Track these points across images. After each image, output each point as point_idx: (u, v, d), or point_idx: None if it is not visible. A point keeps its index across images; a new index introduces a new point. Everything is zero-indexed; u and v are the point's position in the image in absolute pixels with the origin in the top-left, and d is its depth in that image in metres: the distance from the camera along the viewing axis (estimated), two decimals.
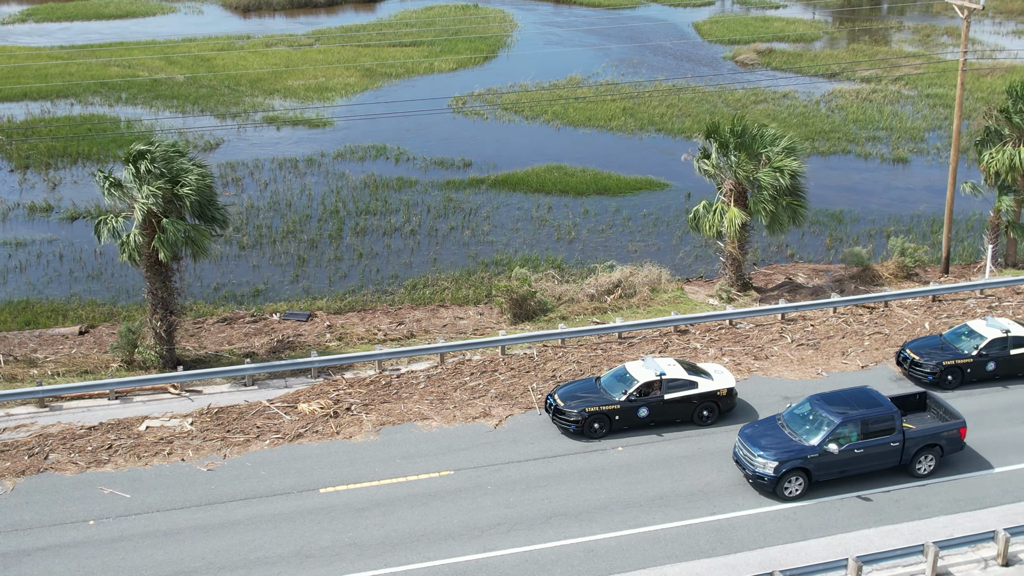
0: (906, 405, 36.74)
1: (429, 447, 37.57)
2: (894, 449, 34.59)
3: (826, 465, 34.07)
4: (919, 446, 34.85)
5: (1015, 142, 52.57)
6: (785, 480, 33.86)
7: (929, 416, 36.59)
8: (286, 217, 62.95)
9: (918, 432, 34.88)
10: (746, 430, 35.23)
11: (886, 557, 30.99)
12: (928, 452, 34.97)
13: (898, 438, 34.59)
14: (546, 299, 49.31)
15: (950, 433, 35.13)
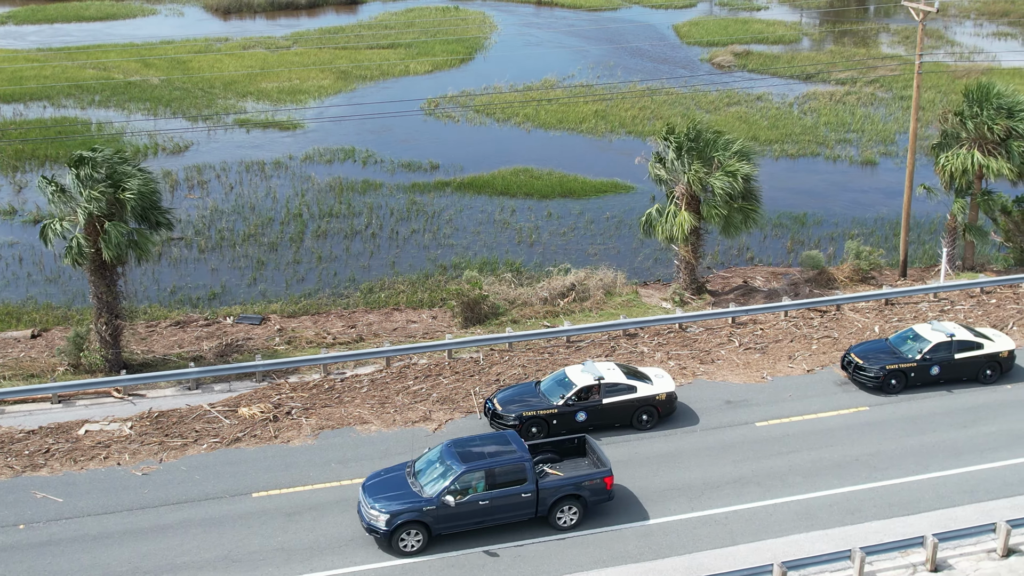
0: (564, 450, 34.21)
1: (366, 451, 37.50)
2: (526, 500, 31.79)
3: (446, 518, 31.36)
4: (556, 496, 32.06)
5: (970, 145, 52.48)
6: (400, 533, 31.17)
7: (585, 463, 33.91)
8: (248, 220, 62.91)
9: (554, 482, 32.20)
10: (371, 479, 32.72)
11: None
12: (570, 503, 32.22)
13: (530, 488, 31.76)
14: (498, 303, 49.25)
15: (593, 483, 32.35)
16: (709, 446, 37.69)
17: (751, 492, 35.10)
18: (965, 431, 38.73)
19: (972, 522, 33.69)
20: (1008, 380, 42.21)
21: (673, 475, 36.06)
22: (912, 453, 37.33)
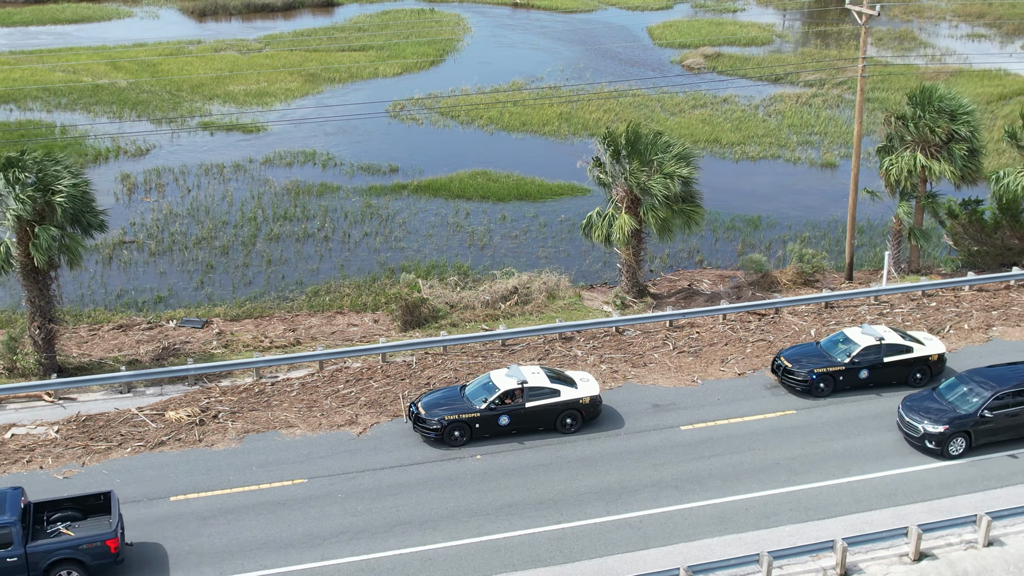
0: (87, 507, 31.85)
1: (289, 455, 37.56)
2: (13, 565, 29.42)
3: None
4: (50, 560, 29.79)
5: (913, 148, 52.56)
6: None
7: (104, 521, 31.44)
8: (203, 223, 62.91)
9: (46, 546, 29.87)
10: None
11: None
12: (68, 567, 29.96)
13: (17, 552, 29.49)
14: (439, 306, 49.27)
15: (92, 546, 30.02)
16: (631, 450, 37.75)
17: (668, 496, 35.19)
18: (891, 435, 38.83)
19: (888, 526, 33.73)
20: (939, 383, 42.10)
21: (592, 479, 36.13)
22: (834, 457, 37.40)
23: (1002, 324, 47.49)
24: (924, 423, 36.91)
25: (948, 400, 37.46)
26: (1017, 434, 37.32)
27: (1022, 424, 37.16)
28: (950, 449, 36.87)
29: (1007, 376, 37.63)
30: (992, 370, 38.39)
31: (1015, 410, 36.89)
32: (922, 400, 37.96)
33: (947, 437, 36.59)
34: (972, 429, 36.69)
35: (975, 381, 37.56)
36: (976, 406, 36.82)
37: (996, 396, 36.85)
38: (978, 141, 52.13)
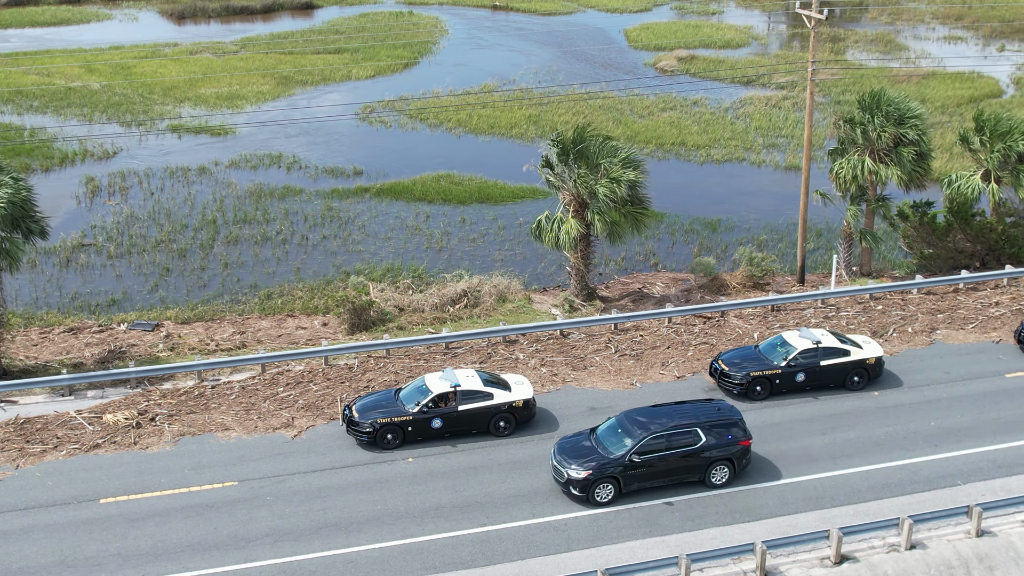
0: None
1: (222, 458, 37.74)
2: None
3: None
4: None
5: (862, 152, 52.80)
6: None
7: None
8: (163, 226, 63.09)
9: None
10: None
11: None
12: None
13: None
14: (387, 309, 49.46)
15: None
16: None
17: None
18: (823, 438, 38.99)
19: (813, 529, 33.87)
20: (876, 387, 42.45)
21: (522, 481, 36.28)
22: (766, 460, 37.57)
23: (946, 327, 47.71)
24: (570, 467, 34.03)
25: (601, 443, 34.70)
26: (677, 479, 34.81)
27: (679, 469, 34.64)
28: (596, 496, 34.10)
29: (662, 417, 35.00)
30: (652, 410, 35.67)
31: (669, 454, 34.35)
32: (577, 442, 35.13)
33: (591, 483, 33.83)
34: (621, 475, 33.96)
35: (630, 422, 34.82)
36: (626, 450, 34.06)
37: (649, 438, 34.24)
38: (926, 145, 52.38)
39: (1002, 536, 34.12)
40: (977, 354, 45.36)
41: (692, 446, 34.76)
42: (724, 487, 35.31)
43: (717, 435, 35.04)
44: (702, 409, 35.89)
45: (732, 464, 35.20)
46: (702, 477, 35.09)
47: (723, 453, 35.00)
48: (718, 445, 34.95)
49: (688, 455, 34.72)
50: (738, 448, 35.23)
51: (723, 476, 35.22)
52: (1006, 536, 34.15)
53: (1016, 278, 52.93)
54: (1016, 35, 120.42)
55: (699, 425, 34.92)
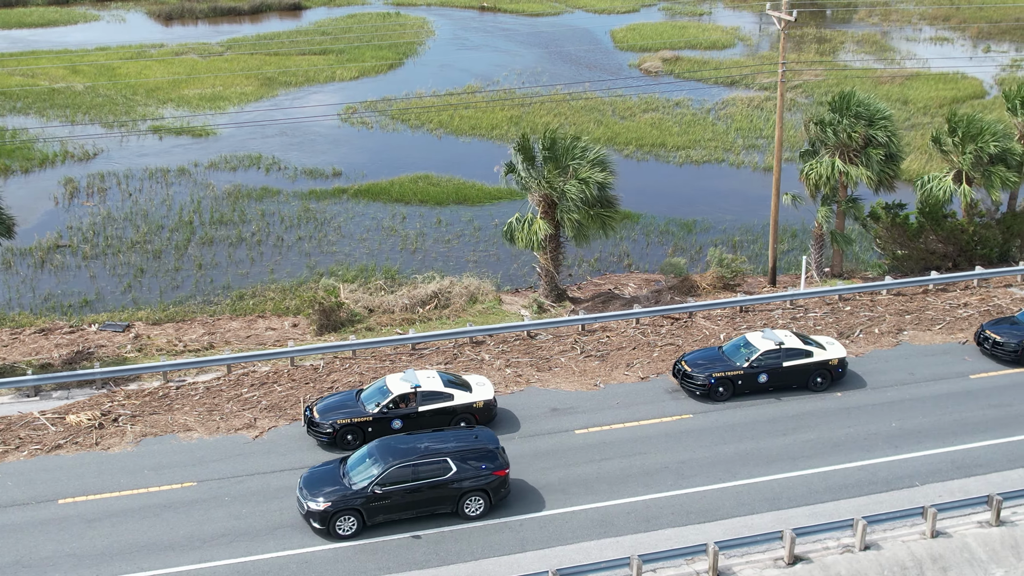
0: None
1: (182, 458, 37.83)
2: None
3: None
4: None
5: (832, 153, 52.93)
6: None
7: None
8: (139, 227, 63.19)
9: None
10: None
11: None
12: None
13: None
14: (357, 310, 49.56)
15: None
16: (522, 454, 38.01)
17: (553, 499, 35.43)
18: (783, 439, 39.08)
19: (769, 529, 33.96)
20: (840, 388, 42.54)
21: None
22: (724, 461, 37.66)
23: (913, 328, 47.82)
24: (311, 499, 32.73)
25: (348, 473, 33.48)
26: (427, 510, 33.47)
27: (428, 500, 33.26)
28: (338, 529, 32.78)
29: (413, 446, 33.81)
30: (406, 438, 34.53)
31: (417, 485, 32.95)
32: (325, 471, 34.00)
33: (331, 516, 32.49)
34: (364, 507, 32.63)
35: (380, 451, 33.59)
36: (370, 480, 32.73)
37: (394, 468, 32.87)
38: (895, 146, 52.50)
39: (957, 537, 34.22)
40: (943, 355, 45.46)
41: (441, 476, 33.23)
42: (480, 519, 33.63)
43: (471, 465, 33.50)
44: (459, 437, 34.50)
45: (487, 495, 33.52)
46: (455, 508, 33.49)
47: (476, 484, 33.39)
48: (471, 476, 33.37)
49: (437, 486, 33.18)
50: (493, 479, 33.62)
51: (478, 508, 33.61)
52: (961, 537, 34.26)
53: (986, 279, 53.00)
54: (1003, 36, 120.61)
55: (451, 455, 33.47)
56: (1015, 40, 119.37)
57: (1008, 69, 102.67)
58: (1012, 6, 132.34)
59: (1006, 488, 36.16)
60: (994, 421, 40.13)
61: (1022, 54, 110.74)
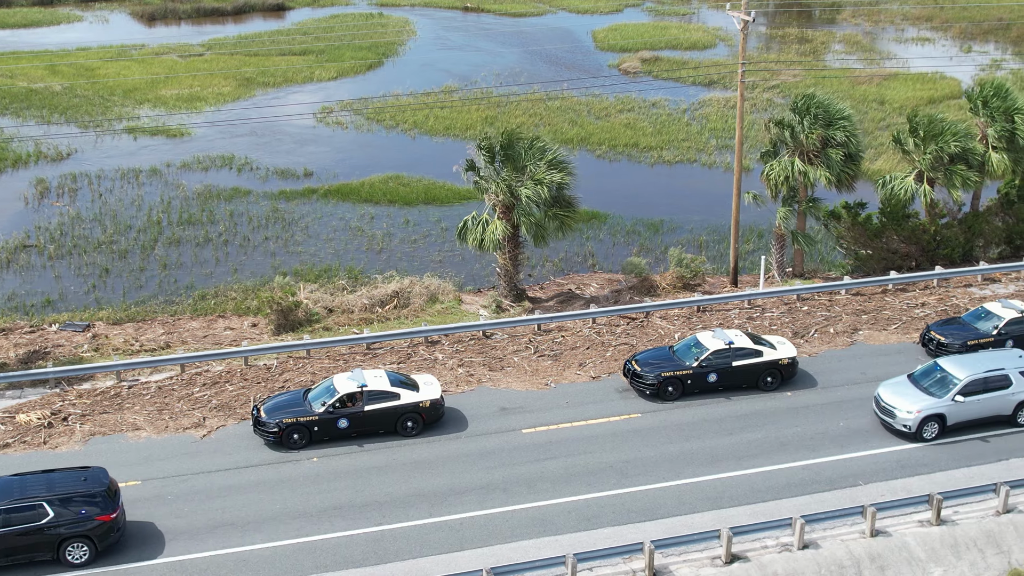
0: None
1: (129, 457, 37.93)
2: None
3: None
4: None
5: (791, 153, 53.08)
6: None
7: None
8: (107, 227, 63.28)
9: None
10: None
11: None
12: None
13: None
14: (315, 310, 49.66)
15: None
16: (468, 453, 38.16)
17: (495, 498, 35.55)
18: (730, 438, 39.20)
19: (709, 528, 34.06)
20: (790, 387, 42.68)
21: (423, 481, 36.51)
22: (668, 460, 37.78)
23: (869, 328, 47.95)
24: None
25: None
26: (24, 557, 31.32)
27: (22, 547, 31.10)
28: None
29: (9, 490, 31.56)
30: (8, 480, 32.39)
31: (5, 531, 30.76)
32: None
33: None
34: None
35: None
36: None
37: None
38: (854, 146, 52.64)
39: (897, 536, 34.37)
40: (896, 355, 45.60)
41: (35, 522, 30.90)
42: (85, 567, 31.69)
43: (71, 510, 31.19)
44: (66, 479, 32.13)
45: (92, 541, 31.35)
46: (55, 555, 31.29)
47: (77, 530, 31.14)
48: (71, 521, 31.13)
49: (30, 532, 30.83)
50: (96, 524, 31.38)
51: (82, 555, 31.40)
52: (901, 536, 34.40)
53: (947, 279, 53.14)
54: (985, 36, 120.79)
55: (48, 499, 31.14)
56: (996, 40, 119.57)
57: (987, 69, 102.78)
58: (996, 6, 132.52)
59: (951, 487, 36.25)
60: None
61: (1006, 54, 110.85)
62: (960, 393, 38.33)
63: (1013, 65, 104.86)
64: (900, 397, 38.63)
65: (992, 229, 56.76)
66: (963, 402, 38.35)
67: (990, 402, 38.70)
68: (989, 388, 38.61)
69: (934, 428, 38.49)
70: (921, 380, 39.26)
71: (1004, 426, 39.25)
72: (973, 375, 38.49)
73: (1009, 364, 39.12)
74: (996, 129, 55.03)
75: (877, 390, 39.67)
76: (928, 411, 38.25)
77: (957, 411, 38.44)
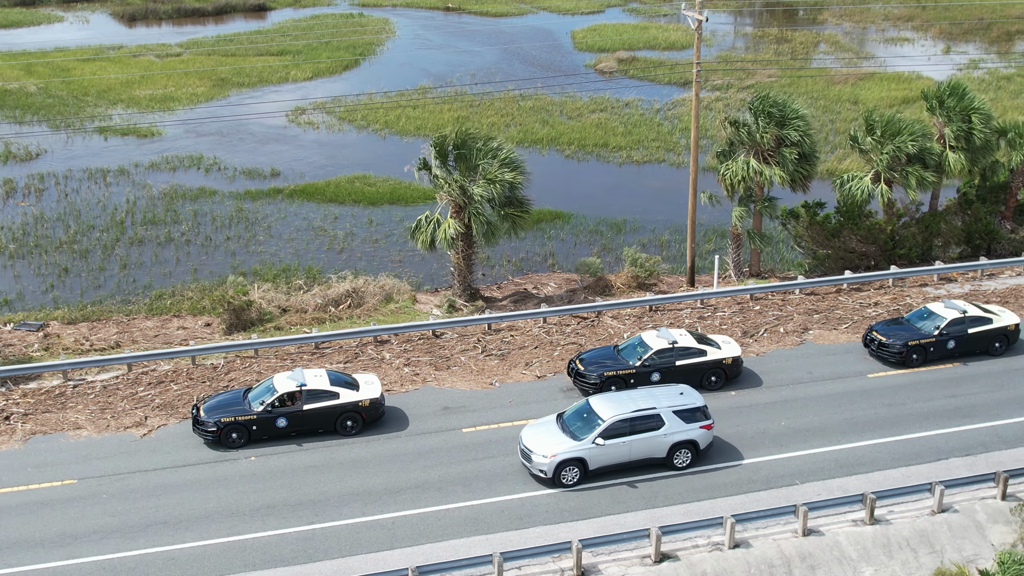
0: None
1: (68, 456, 37.99)
2: None
3: None
4: None
5: (747, 153, 53.15)
6: None
7: None
8: (70, 227, 63.32)
9: None
10: None
11: None
12: None
13: None
14: (268, 309, 49.71)
15: None
16: (407, 452, 38.20)
17: (430, 497, 35.61)
18: None
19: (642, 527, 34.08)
20: (735, 387, 42.74)
21: (359, 480, 36.56)
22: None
23: (820, 328, 48.01)
24: None
25: None
26: None
27: None
28: None
29: None
30: None
31: None
32: None
33: None
34: None
35: None
36: None
37: None
38: (808, 146, 52.67)
39: (829, 535, 34.44)
40: (845, 354, 45.65)
41: None
42: None
43: None
44: None
45: None
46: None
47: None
48: None
49: None
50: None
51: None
52: (833, 536, 34.47)
53: (902, 279, 53.21)
54: (965, 36, 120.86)
55: None
56: (976, 40, 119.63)
57: (964, 69, 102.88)
58: (978, 5, 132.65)
59: (887, 486, 36.30)
60: (884, 420, 40.31)
61: (985, 54, 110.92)
62: (602, 436, 35.12)
63: (990, 65, 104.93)
64: (540, 439, 35.39)
65: (951, 229, 56.83)
66: (605, 445, 35.13)
67: (639, 444, 35.56)
68: (637, 430, 35.50)
69: (574, 473, 35.16)
70: (569, 420, 36.13)
71: (661, 469, 36.46)
72: (618, 415, 35.36)
73: (663, 403, 36.21)
74: (953, 129, 55.10)
75: (522, 431, 36.65)
76: (565, 455, 34.94)
77: (599, 455, 35.23)
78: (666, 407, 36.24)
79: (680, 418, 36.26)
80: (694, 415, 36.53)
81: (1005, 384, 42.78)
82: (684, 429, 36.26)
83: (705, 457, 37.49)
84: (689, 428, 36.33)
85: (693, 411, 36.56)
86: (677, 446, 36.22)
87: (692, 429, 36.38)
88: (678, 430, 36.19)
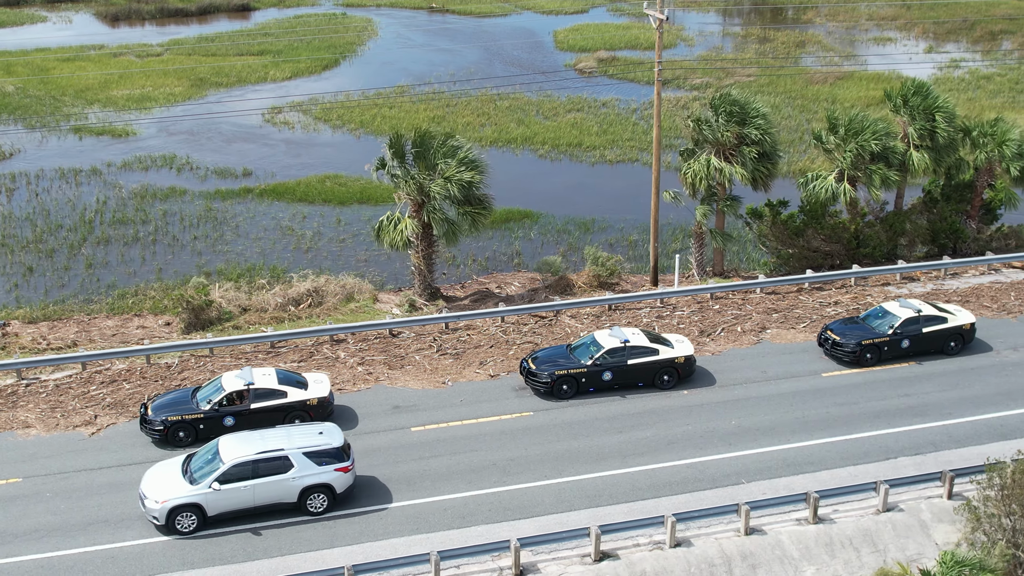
0: None
1: (14, 455, 37.96)
2: None
3: None
4: None
5: (709, 151, 53.17)
6: None
7: None
8: (38, 227, 63.31)
9: None
10: None
11: None
12: None
13: None
14: (228, 308, 49.71)
15: None
16: (354, 450, 38.11)
17: (372, 496, 35.57)
18: (618, 436, 39.21)
19: (584, 526, 34.03)
20: (688, 386, 42.70)
21: None
22: (553, 458, 37.77)
23: (778, 327, 48.00)
24: None
25: None
26: None
27: None
28: None
29: None
30: None
31: None
32: None
33: None
34: None
35: None
36: None
37: None
38: (769, 145, 52.68)
39: (771, 534, 34.40)
40: (801, 353, 45.63)
41: None
42: None
43: None
44: None
45: None
46: None
47: None
48: None
49: None
50: None
51: None
52: (775, 534, 34.43)
53: (864, 278, 53.20)
54: (948, 36, 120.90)
55: None
56: (959, 40, 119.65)
57: (944, 69, 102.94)
58: (963, 3, 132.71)
59: (834, 485, 36.27)
60: (835, 419, 40.28)
61: (967, 53, 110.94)
62: (220, 480, 32.86)
63: (971, 64, 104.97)
64: (157, 482, 33.30)
65: (916, 228, 56.81)
66: (223, 490, 32.86)
67: (264, 488, 33.28)
68: (262, 473, 33.22)
69: (191, 520, 32.95)
70: (194, 462, 34.02)
71: (297, 514, 34.14)
72: (237, 459, 33.16)
73: (295, 444, 33.96)
74: (916, 128, 55.09)
75: (146, 471, 34.64)
76: (178, 501, 32.68)
77: (218, 500, 32.92)
78: (297, 448, 33.73)
79: (312, 460, 33.81)
80: (329, 457, 34.06)
81: (959, 383, 42.76)
82: (315, 472, 33.75)
83: (643, 459, 37.41)
84: (321, 471, 33.77)
85: (328, 453, 34.08)
86: (309, 490, 33.73)
87: (325, 472, 33.81)
88: (308, 473, 33.69)
